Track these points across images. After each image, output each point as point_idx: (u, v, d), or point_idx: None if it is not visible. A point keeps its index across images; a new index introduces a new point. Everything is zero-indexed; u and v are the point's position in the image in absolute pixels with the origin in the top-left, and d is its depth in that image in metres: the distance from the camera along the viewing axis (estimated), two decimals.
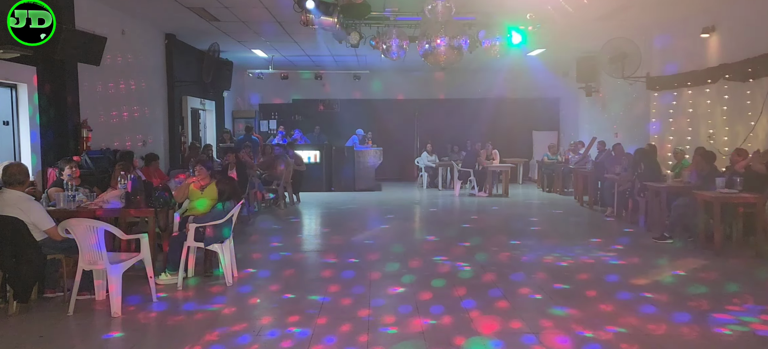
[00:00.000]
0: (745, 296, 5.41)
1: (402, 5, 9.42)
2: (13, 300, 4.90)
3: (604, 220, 10.08)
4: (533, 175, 17.15)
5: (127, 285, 5.13)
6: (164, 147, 12.15)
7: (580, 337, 4.37)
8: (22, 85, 7.71)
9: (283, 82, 17.28)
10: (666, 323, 4.66)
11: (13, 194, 4.97)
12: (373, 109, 18.18)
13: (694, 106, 10.37)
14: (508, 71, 17.07)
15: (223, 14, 10.36)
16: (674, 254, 7.23)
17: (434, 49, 9.49)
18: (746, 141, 8.61)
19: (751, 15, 8.71)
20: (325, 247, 8.08)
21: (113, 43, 9.28)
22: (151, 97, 11.57)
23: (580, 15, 8.95)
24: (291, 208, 11.74)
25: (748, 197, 7.04)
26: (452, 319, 4.77)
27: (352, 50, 11.09)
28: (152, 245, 5.60)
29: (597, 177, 11.50)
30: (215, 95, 15.17)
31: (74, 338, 4.49)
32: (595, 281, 6.00)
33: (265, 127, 18.19)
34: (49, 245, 5.07)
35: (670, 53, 11.09)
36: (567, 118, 17.53)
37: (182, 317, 4.96)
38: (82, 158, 8.01)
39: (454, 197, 13.51)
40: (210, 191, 6.37)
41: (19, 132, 7.79)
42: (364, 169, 14.95)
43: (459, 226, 9.64)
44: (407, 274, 6.27)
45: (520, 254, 7.28)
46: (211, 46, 13.13)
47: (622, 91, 12.71)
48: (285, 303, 5.28)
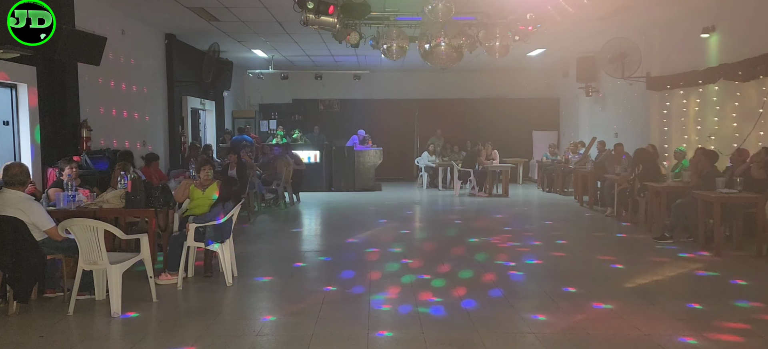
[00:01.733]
0: (746, 296, 5.42)
1: (402, 5, 9.42)
2: (13, 300, 4.90)
3: (604, 220, 10.08)
4: (533, 175, 17.15)
5: (127, 285, 5.13)
6: (164, 147, 12.15)
7: (581, 337, 4.37)
8: (22, 85, 7.71)
9: (283, 82, 17.29)
10: (666, 323, 4.66)
11: (13, 194, 4.97)
12: (373, 109, 18.18)
13: (694, 106, 10.38)
14: (508, 71, 17.08)
15: (223, 14, 10.36)
16: (674, 254, 7.23)
17: (434, 49, 9.48)
18: (746, 141, 8.61)
19: (751, 15, 8.71)
20: (325, 247, 8.08)
21: (113, 43, 9.28)
22: (151, 97, 11.58)
23: (580, 15, 8.95)
24: (291, 208, 11.74)
25: (748, 197, 7.04)
26: (452, 319, 4.77)
27: (352, 50, 11.08)
28: (152, 245, 5.61)
29: (597, 177, 11.51)
30: (215, 95, 15.18)
31: (74, 338, 4.48)
32: (594, 280, 6.00)
33: (265, 128, 18.19)
34: (49, 245, 5.07)
35: (670, 53, 11.09)
36: (567, 118, 17.53)
37: (182, 317, 4.96)
38: (82, 158, 8.01)
39: (454, 197, 13.51)
40: (211, 191, 6.37)
41: (19, 132, 7.79)
42: (364, 169, 14.95)
43: (459, 226, 9.64)
44: (407, 274, 6.27)
45: (520, 254, 7.28)
46: (211, 46, 13.14)
47: (622, 91, 12.71)
48: (285, 303, 5.28)
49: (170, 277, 5.83)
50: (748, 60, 8.54)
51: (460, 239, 8.35)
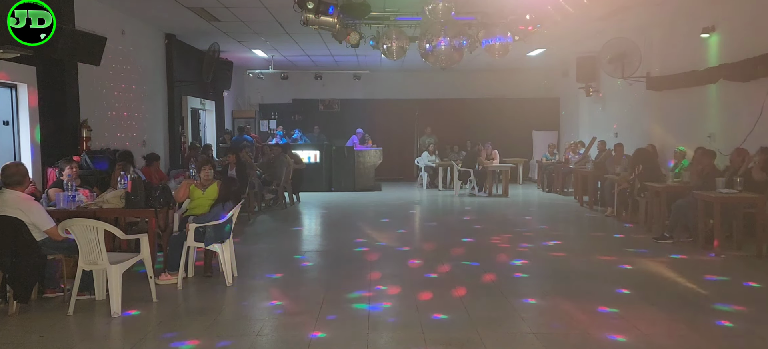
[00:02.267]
0: (746, 296, 5.42)
1: (402, 5, 9.42)
2: (13, 300, 4.90)
3: (604, 220, 10.08)
4: (533, 175, 17.16)
5: (127, 285, 5.13)
6: (164, 147, 12.15)
7: (581, 337, 4.37)
8: (22, 85, 7.71)
9: (283, 82, 17.29)
10: (666, 323, 4.66)
11: (13, 194, 4.97)
12: (373, 109, 18.18)
13: (694, 106, 10.37)
14: (508, 71, 17.06)
15: (223, 14, 10.36)
16: (674, 254, 7.23)
17: (434, 49, 9.48)
18: (746, 141, 8.60)
19: (751, 15, 8.70)
20: (325, 247, 8.08)
21: (113, 43, 9.28)
22: (151, 97, 11.58)
23: (580, 15, 8.94)
24: (291, 208, 11.74)
25: (748, 197, 7.04)
26: (452, 319, 4.77)
27: (352, 50, 11.09)
28: (152, 245, 5.61)
29: (597, 177, 11.51)
30: (215, 95, 15.18)
31: (74, 338, 4.48)
32: (594, 281, 6.00)
33: (265, 128, 18.19)
34: (49, 245, 5.07)
35: (670, 53, 11.08)
36: (567, 118, 17.52)
37: (182, 317, 4.96)
38: (82, 158, 8.01)
39: (453, 197, 13.51)
40: (211, 191, 6.37)
41: (19, 132, 7.79)
42: (364, 169, 14.95)
43: (459, 226, 9.64)
44: (407, 274, 6.27)
45: (520, 254, 7.28)
46: (211, 46, 13.14)
47: (622, 91, 12.71)
48: (285, 303, 5.28)
49: (170, 277, 5.83)
50: (748, 60, 8.53)
51: (461, 238, 8.35)
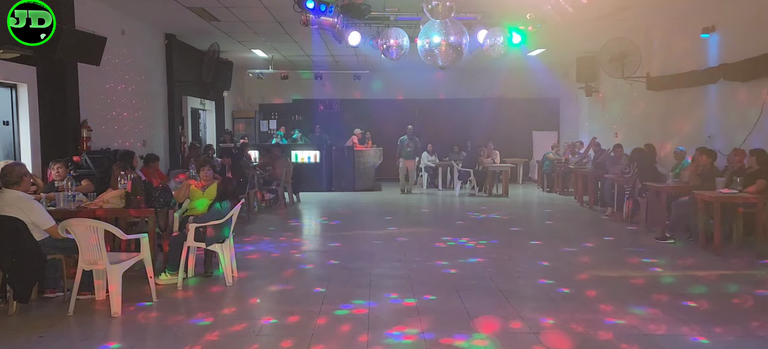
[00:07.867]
0: (745, 296, 5.42)
1: (402, 5, 9.42)
2: (13, 300, 4.90)
3: (604, 220, 10.08)
4: (533, 175, 17.16)
5: (127, 285, 5.13)
6: (164, 147, 12.15)
7: (581, 337, 4.37)
8: (22, 85, 7.71)
9: (283, 82, 17.28)
10: (666, 323, 4.66)
11: (13, 194, 4.97)
12: (373, 109, 18.17)
13: (694, 106, 10.37)
14: (508, 71, 17.06)
15: (223, 14, 10.36)
16: (674, 254, 7.23)
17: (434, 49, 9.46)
18: (746, 141, 8.61)
19: (751, 15, 8.70)
20: (325, 246, 8.07)
21: (113, 43, 9.28)
22: (151, 97, 11.58)
23: (580, 15, 8.95)
24: (291, 208, 11.74)
25: (748, 197, 7.04)
26: (453, 318, 4.77)
27: (352, 50, 11.09)
28: (152, 245, 5.61)
29: (597, 177, 11.51)
30: (215, 95, 15.18)
31: (74, 338, 4.48)
32: (594, 280, 6.00)
33: (265, 128, 18.19)
34: (49, 244, 5.07)
35: (670, 53, 11.09)
36: (567, 118, 17.53)
37: (182, 317, 4.96)
38: (82, 158, 8.01)
39: (454, 197, 13.51)
40: (211, 191, 6.37)
41: (19, 132, 7.79)
42: (364, 169, 14.95)
43: (459, 226, 9.64)
44: (408, 273, 6.27)
45: (520, 254, 7.28)
46: (211, 46, 13.14)
47: (622, 91, 12.71)
48: (285, 303, 5.28)
49: (170, 277, 5.83)
50: (748, 60, 8.54)
51: (461, 238, 8.35)
